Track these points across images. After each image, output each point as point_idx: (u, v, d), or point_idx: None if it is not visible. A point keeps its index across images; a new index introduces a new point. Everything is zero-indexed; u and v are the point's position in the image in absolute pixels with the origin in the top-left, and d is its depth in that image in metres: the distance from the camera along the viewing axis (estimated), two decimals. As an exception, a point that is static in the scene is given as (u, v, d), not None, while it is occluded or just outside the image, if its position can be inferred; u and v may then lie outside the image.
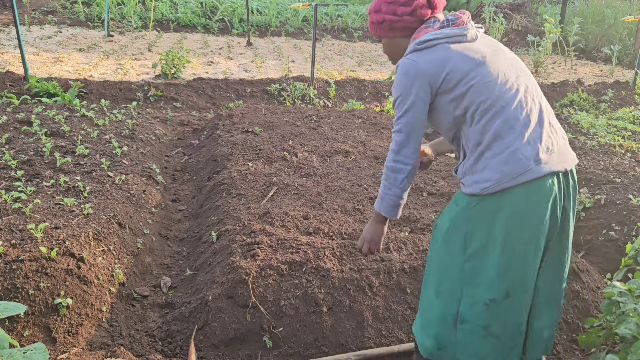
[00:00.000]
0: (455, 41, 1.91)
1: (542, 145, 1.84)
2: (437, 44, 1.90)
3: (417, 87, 1.88)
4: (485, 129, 1.85)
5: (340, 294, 2.60)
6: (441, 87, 1.88)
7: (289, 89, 7.29)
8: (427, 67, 1.87)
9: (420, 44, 1.91)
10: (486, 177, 1.83)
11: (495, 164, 1.82)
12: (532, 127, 1.84)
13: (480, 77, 1.85)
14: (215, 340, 2.50)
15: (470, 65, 1.86)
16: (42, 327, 2.37)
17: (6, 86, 6.31)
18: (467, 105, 1.87)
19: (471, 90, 1.85)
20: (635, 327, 1.87)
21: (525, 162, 1.80)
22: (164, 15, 12.58)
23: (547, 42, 9.59)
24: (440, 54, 1.88)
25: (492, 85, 1.85)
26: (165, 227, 3.72)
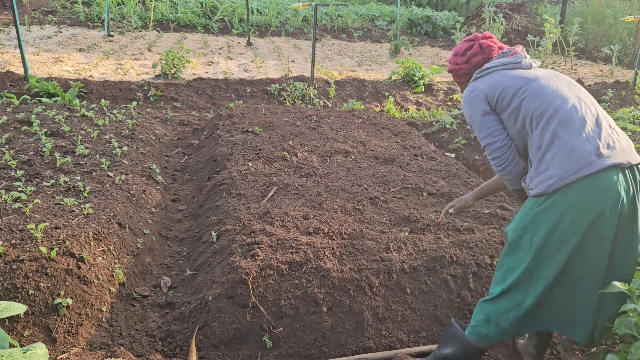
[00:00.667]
0: (509, 68, 2.20)
1: (602, 141, 1.93)
2: (493, 71, 2.21)
3: (479, 103, 2.16)
4: (543, 132, 1.99)
5: (340, 294, 2.60)
6: (497, 105, 2.13)
7: (289, 89, 7.29)
8: (483, 87, 2.17)
9: (479, 73, 2.24)
10: (549, 175, 1.94)
11: (557, 162, 1.93)
12: (588, 125, 1.95)
13: (531, 90, 2.06)
14: (215, 340, 2.50)
15: (522, 82, 2.10)
16: (42, 327, 2.37)
17: (6, 86, 6.31)
18: (524, 116, 2.06)
19: (524, 101, 2.05)
20: (635, 327, 1.87)
21: (586, 156, 1.89)
22: (164, 15, 12.59)
23: (547, 42, 9.58)
24: (495, 77, 2.17)
25: (543, 95, 2.03)
26: (165, 227, 3.71)
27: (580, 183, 1.88)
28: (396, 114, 6.99)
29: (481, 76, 2.23)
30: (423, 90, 7.98)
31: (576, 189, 1.89)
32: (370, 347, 2.51)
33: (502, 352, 2.56)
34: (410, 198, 3.76)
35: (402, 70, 8.24)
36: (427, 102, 7.73)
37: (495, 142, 2.16)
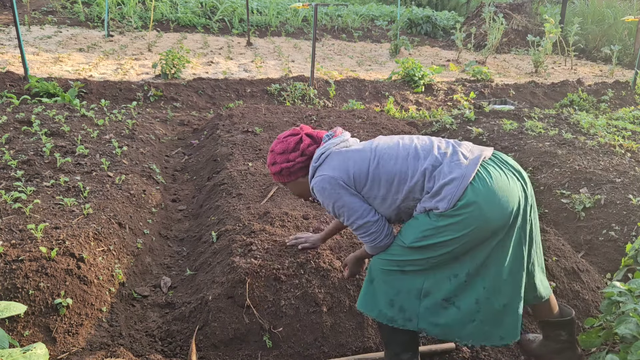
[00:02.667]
0: (343, 146, 2.21)
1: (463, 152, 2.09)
2: (330, 153, 2.17)
3: (338, 188, 2.10)
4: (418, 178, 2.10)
5: (340, 294, 2.60)
6: (356, 184, 2.11)
7: (289, 89, 7.30)
8: (333, 172, 2.11)
9: (316, 161, 2.17)
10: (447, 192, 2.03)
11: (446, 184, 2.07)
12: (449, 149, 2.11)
13: (379, 154, 2.12)
14: (215, 340, 2.50)
15: (366, 152, 2.14)
16: (42, 327, 2.37)
17: (6, 86, 6.31)
18: (386, 179, 2.10)
19: (380, 166, 2.10)
20: (635, 327, 1.87)
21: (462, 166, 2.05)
22: (164, 15, 12.59)
23: (547, 42, 9.59)
24: (337, 159, 2.14)
25: (393, 151, 2.13)
26: (165, 227, 3.72)
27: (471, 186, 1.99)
28: (396, 114, 6.99)
29: (320, 164, 2.17)
30: (423, 90, 7.98)
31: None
32: (371, 347, 2.51)
33: (502, 351, 2.56)
34: (410, 198, 3.76)
35: (402, 70, 8.24)
36: (427, 102, 7.73)
37: (368, 221, 2.12)
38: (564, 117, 6.21)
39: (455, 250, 2.01)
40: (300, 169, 2.24)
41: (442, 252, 2.02)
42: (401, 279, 2.13)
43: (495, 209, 1.96)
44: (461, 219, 1.96)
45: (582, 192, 4.07)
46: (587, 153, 4.85)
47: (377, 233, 2.13)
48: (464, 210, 1.95)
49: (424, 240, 2.03)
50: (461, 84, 8.50)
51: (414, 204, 2.10)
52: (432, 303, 2.09)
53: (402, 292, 2.12)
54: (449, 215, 1.97)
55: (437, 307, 2.09)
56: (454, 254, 2.03)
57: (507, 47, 12.81)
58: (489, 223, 1.96)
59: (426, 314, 2.10)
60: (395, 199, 2.09)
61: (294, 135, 2.26)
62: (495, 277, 2.05)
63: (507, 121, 5.92)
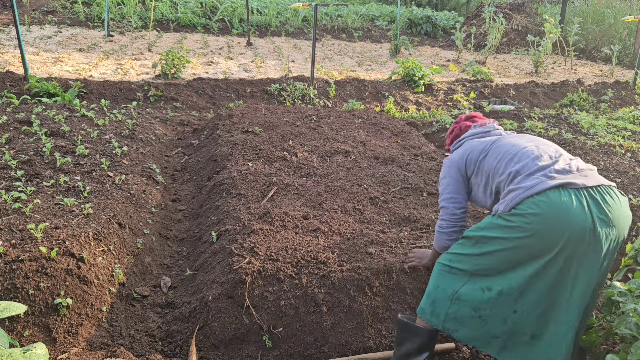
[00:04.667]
0: (479, 136, 2.58)
1: (555, 167, 2.15)
2: (465, 141, 2.60)
3: (451, 170, 2.51)
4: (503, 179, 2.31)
5: (340, 294, 2.60)
6: (467, 169, 2.46)
7: (289, 89, 7.29)
8: (456, 157, 2.52)
9: (454, 146, 2.67)
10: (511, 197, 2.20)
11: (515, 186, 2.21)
12: (543, 159, 2.21)
13: (493, 149, 2.40)
14: (215, 340, 2.50)
15: (485, 144, 2.44)
16: (42, 327, 2.37)
17: (6, 86, 6.31)
18: (486, 171, 2.38)
19: (486, 159, 2.40)
20: (635, 327, 1.87)
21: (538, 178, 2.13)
22: (164, 15, 12.59)
23: (547, 42, 9.59)
24: (465, 146, 2.54)
25: (501, 148, 2.37)
26: (165, 227, 3.72)
27: (531, 200, 2.06)
28: (396, 114, 6.99)
29: (456, 148, 2.64)
30: (423, 90, 7.98)
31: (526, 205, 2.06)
32: (370, 347, 2.51)
33: (502, 352, 2.55)
34: (410, 198, 3.76)
35: (402, 70, 8.24)
36: (427, 102, 7.73)
37: (450, 208, 2.46)
38: (564, 117, 6.21)
39: (497, 253, 2.11)
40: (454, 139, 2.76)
41: (486, 250, 2.15)
42: (445, 275, 2.28)
43: (547, 229, 1.99)
44: (511, 225, 2.08)
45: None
46: (587, 153, 4.84)
47: (447, 222, 2.45)
48: (516, 218, 2.07)
49: (478, 231, 2.21)
50: (461, 84, 8.50)
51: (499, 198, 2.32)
52: (460, 308, 2.20)
53: (440, 288, 2.26)
54: (503, 218, 2.12)
55: (463, 314, 2.19)
56: (495, 260, 2.13)
57: (507, 47, 12.81)
58: (534, 238, 2.02)
59: (453, 317, 2.21)
60: (490, 190, 2.36)
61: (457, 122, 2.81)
62: (531, 305, 2.08)
63: (507, 121, 5.92)
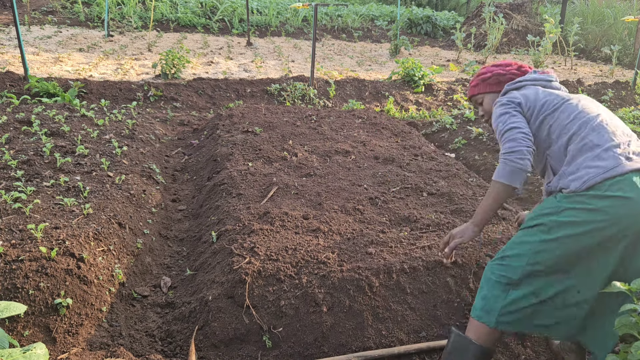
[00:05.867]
0: (541, 84, 2.34)
1: (631, 147, 1.99)
2: (526, 84, 2.34)
3: (514, 105, 2.22)
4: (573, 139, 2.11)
5: (340, 294, 2.61)
6: (528, 114, 2.20)
7: (289, 89, 7.29)
8: (519, 95, 2.25)
9: (511, 85, 2.36)
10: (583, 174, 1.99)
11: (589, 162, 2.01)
12: (618, 134, 2.03)
13: (563, 105, 2.17)
14: (215, 340, 2.50)
15: (553, 97, 2.21)
16: (42, 327, 2.37)
17: (6, 86, 6.31)
18: (551, 124, 2.16)
19: (556, 113, 2.16)
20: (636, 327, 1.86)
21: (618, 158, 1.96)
22: (164, 15, 12.59)
23: (547, 42, 9.59)
24: (529, 90, 2.28)
25: (573, 108, 2.15)
26: (165, 227, 3.72)
27: (611, 182, 1.88)
28: (396, 114, 6.99)
29: (513, 88, 2.35)
30: (423, 90, 7.98)
31: (607, 187, 1.88)
32: (370, 347, 2.51)
33: (502, 352, 2.56)
34: (410, 198, 3.76)
35: (402, 70, 8.24)
36: (427, 102, 7.73)
37: (522, 127, 2.13)
38: (564, 117, 6.20)
39: (565, 240, 1.90)
40: (505, 82, 2.43)
41: (551, 237, 1.92)
42: (497, 266, 2.05)
43: (624, 214, 1.85)
44: (584, 207, 1.88)
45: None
46: (587, 153, 4.84)
47: (518, 141, 2.07)
48: (592, 201, 1.87)
49: (541, 218, 1.99)
50: (461, 84, 8.50)
51: (555, 164, 2.11)
52: (520, 296, 1.98)
53: (491, 280, 2.04)
54: (575, 198, 1.90)
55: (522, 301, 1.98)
56: (564, 247, 1.91)
57: (507, 47, 12.81)
58: (612, 226, 1.85)
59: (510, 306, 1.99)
60: (550, 151, 2.13)
61: (508, 63, 2.51)
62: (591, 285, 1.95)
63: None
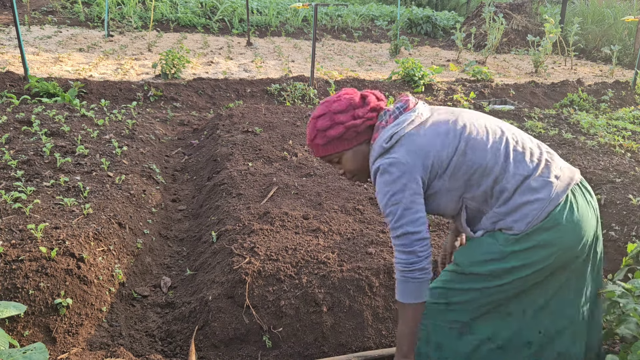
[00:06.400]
0: (417, 124, 1.82)
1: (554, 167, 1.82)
2: (405, 134, 1.79)
3: (409, 180, 1.75)
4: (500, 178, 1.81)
5: (340, 294, 2.61)
6: (432, 173, 1.78)
7: (289, 89, 7.29)
8: (410, 158, 1.75)
9: (387, 142, 1.78)
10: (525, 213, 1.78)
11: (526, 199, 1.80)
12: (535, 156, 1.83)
13: (467, 140, 1.78)
14: (215, 340, 2.50)
15: (451, 136, 1.79)
16: (42, 327, 2.37)
17: (6, 86, 6.31)
18: (466, 170, 1.79)
19: (467, 155, 1.77)
20: (636, 327, 1.87)
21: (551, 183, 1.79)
22: (164, 15, 12.59)
23: (547, 42, 9.59)
24: (417, 141, 1.77)
25: (481, 140, 1.79)
26: (165, 227, 3.72)
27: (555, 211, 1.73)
28: (396, 114, 6.99)
29: (391, 145, 1.78)
30: (423, 90, 7.98)
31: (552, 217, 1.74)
32: (370, 347, 2.51)
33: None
34: (410, 198, 3.75)
35: (402, 70, 8.23)
36: (427, 102, 7.73)
37: (419, 231, 1.76)
38: (564, 117, 6.21)
39: (516, 282, 1.77)
40: (366, 130, 1.84)
41: (501, 283, 1.78)
42: (443, 312, 1.87)
43: (573, 239, 1.75)
44: (534, 245, 1.72)
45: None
46: (587, 153, 4.85)
47: (417, 255, 1.76)
48: (540, 237, 1.72)
49: (485, 265, 1.78)
50: (461, 84, 8.50)
51: (477, 206, 1.82)
52: (477, 343, 1.87)
53: (442, 327, 1.89)
54: (522, 240, 1.73)
55: (482, 348, 1.87)
56: (515, 288, 1.79)
57: (507, 47, 12.81)
58: (564, 254, 1.75)
59: (472, 355, 1.88)
60: (463, 193, 1.80)
61: (349, 93, 1.88)
62: (557, 319, 1.85)
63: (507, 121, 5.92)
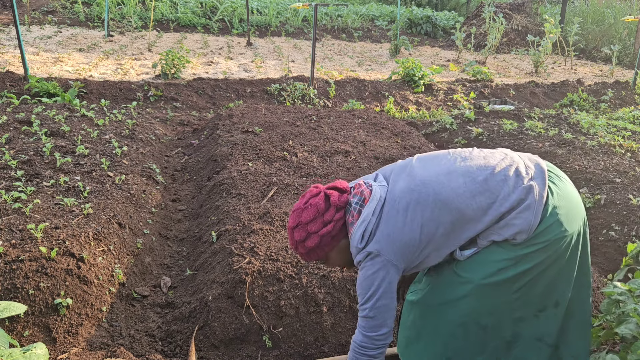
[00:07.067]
0: (381, 205, 1.84)
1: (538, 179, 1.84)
2: (372, 229, 1.83)
3: (393, 276, 1.82)
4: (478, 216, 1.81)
5: (341, 293, 2.61)
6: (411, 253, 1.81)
7: (289, 89, 7.29)
8: (390, 253, 1.79)
9: (361, 242, 1.83)
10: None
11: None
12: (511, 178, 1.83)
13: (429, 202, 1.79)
14: (215, 340, 2.50)
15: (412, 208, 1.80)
16: (42, 327, 2.37)
17: (6, 86, 6.31)
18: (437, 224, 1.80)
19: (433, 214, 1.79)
20: (635, 327, 1.87)
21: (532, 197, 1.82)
22: (164, 15, 12.59)
23: (547, 42, 9.59)
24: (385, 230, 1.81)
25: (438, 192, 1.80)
26: (165, 227, 3.72)
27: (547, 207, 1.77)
28: (396, 114, 6.99)
29: (367, 243, 1.83)
30: (423, 90, 7.98)
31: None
32: (370, 347, 2.51)
33: None
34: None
35: (402, 70, 8.24)
36: (427, 102, 7.73)
37: (387, 326, 1.84)
38: (564, 117, 6.21)
39: (537, 276, 1.79)
40: (341, 230, 1.91)
41: (521, 285, 1.79)
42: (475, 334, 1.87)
43: (572, 222, 1.80)
44: (544, 244, 1.76)
45: (582, 192, 4.07)
46: (587, 153, 4.85)
47: (381, 348, 1.86)
48: (547, 236, 1.76)
49: (499, 275, 1.78)
50: (461, 84, 8.50)
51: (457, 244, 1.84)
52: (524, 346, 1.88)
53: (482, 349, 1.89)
54: (530, 244, 1.75)
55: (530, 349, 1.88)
56: (535, 284, 1.81)
57: (507, 47, 12.81)
58: (566, 238, 1.79)
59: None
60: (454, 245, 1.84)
61: (315, 195, 1.92)
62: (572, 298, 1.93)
63: (507, 121, 5.92)
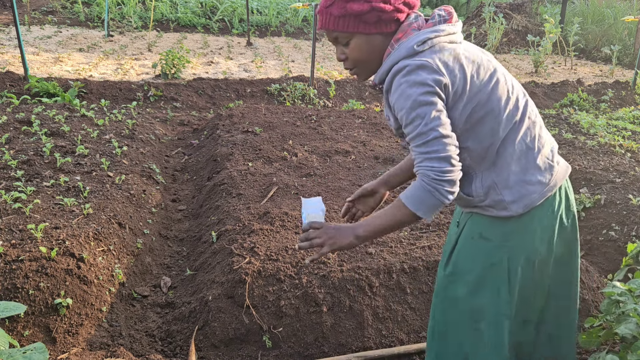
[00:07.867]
0: (453, 41, 1.59)
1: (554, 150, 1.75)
2: (440, 43, 1.56)
3: (438, 97, 1.52)
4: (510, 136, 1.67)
5: (340, 294, 2.61)
6: (454, 91, 1.55)
7: (289, 89, 7.29)
8: (446, 76, 1.52)
9: (420, 45, 1.52)
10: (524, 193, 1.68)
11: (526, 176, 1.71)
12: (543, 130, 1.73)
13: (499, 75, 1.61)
14: (215, 340, 2.50)
15: (486, 62, 1.61)
16: (42, 327, 2.37)
17: (6, 86, 6.31)
18: (488, 108, 1.59)
19: (494, 89, 1.59)
20: (635, 327, 1.87)
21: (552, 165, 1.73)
22: (164, 15, 12.58)
23: (547, 42, 9.59)
24: (450, 58, 1.55)
25: (508, 85, 1.63)
26: (165, 227, 3.72)
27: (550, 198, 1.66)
28: (396, 114, 6.99)
29: (424, 49, 1.53)
30: (423, 90, 7.98)
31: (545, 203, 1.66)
32: (370, 347, 2.52)
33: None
34: (410, 198, 3.76)
35: (402, 70, 8.23)
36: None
37: (453, 136, 1.53)
38: (564, 117, 6.21)
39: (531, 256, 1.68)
40: (390, 22, 1.57)
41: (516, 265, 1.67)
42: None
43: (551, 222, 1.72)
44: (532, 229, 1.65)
45: (582, 192, 4.07)
46: (587, 153, 4.85)
47: (451, 163, 1.50)
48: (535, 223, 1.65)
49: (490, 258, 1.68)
50: (461, 84, 8.50)
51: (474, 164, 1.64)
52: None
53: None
54: (517, 220, 1.63)
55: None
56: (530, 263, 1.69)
57: (507, 47, 12.81)
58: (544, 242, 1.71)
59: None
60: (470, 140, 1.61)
61: None
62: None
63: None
